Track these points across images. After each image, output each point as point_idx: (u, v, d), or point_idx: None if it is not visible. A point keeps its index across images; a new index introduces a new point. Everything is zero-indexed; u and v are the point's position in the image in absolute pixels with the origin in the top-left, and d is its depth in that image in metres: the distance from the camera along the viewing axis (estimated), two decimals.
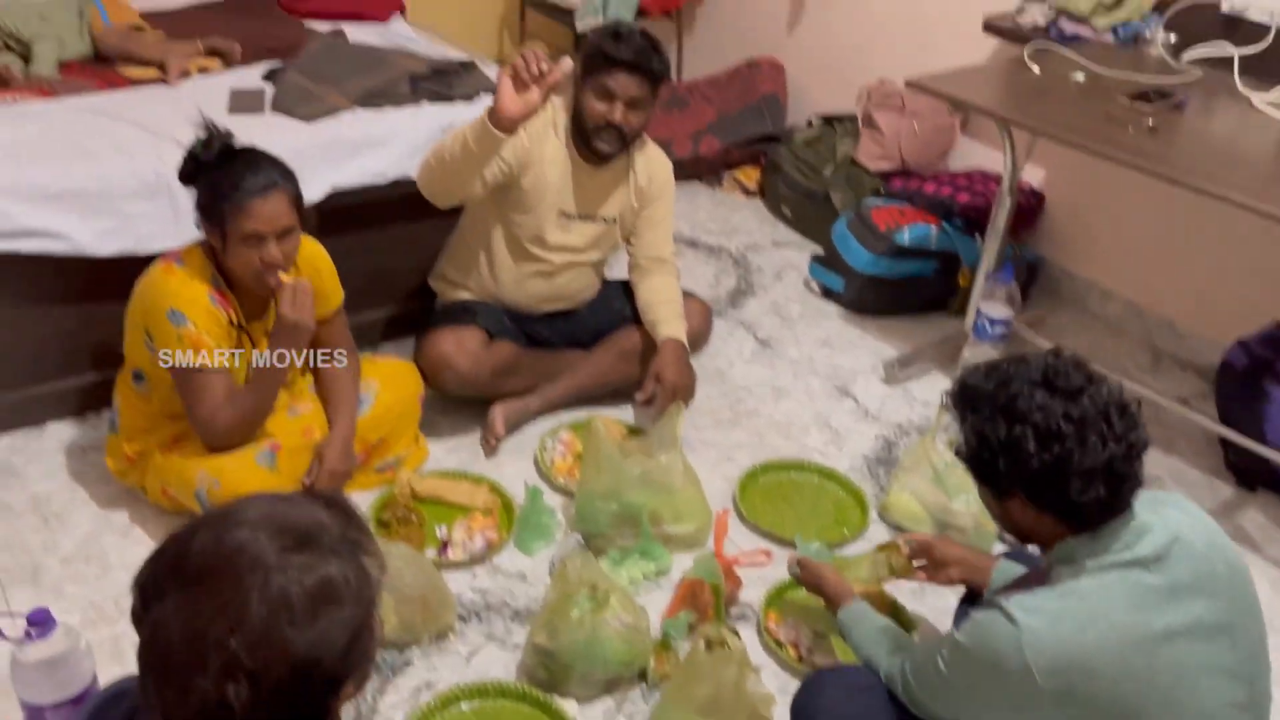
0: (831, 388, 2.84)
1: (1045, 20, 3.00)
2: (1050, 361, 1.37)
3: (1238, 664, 1.37)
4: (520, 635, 1.99)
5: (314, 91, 2.67)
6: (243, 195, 1.88)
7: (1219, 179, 2.11)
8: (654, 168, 2.59)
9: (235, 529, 0.92)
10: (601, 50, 2.35)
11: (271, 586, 0.89)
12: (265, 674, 0.88)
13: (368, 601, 0.95)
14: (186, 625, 0.88)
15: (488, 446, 2.49)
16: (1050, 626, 1.30)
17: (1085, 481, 1.31)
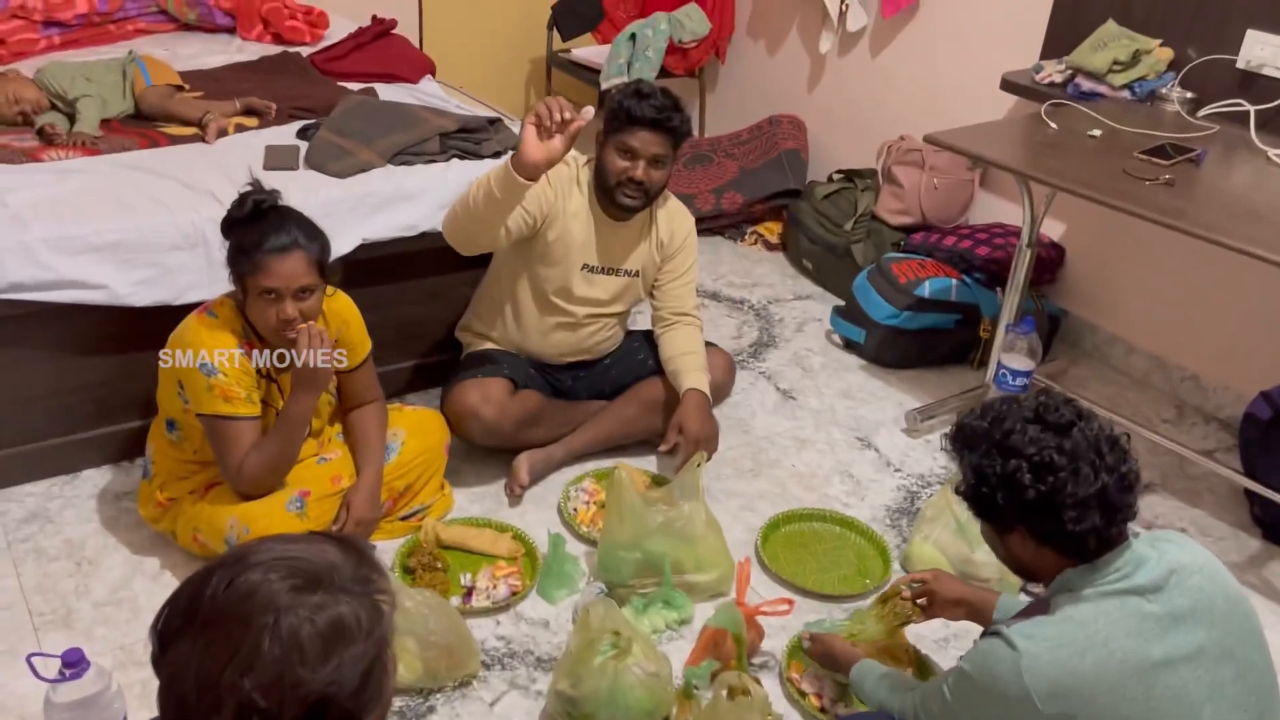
0: (853, 438, 2.86)
1: (1062, 78, 3.05)
2: (1041, 400, 1.44)
3: (1244, 694, 1.37)
4: (543, 682, 2.00)
5: (346, 148, 2.74)
6: (262, 253, 1.95)
7: (1236, 232, 2.13)
8: (675, 222, 2.64)
9: (248, 571, 0.94)
10: (624, 108, 2.41)
11: (283, 627, 0.90)
12: (280, 714, 0.89)
13: (380, 639, 0.96)
14: (201, 668, 0.90)
15: (512, 495, 2.51)
16: (1049, 652, 1.33)
17: (1080, 511, 1.36)
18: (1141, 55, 2.91)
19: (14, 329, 2.29)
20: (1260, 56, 2.70)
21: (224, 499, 2.11)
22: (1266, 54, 2.69)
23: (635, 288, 2.63)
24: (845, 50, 3.94)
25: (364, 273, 2.58)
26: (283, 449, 2.09)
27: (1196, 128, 2.68)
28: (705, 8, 4.27)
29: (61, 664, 1.53)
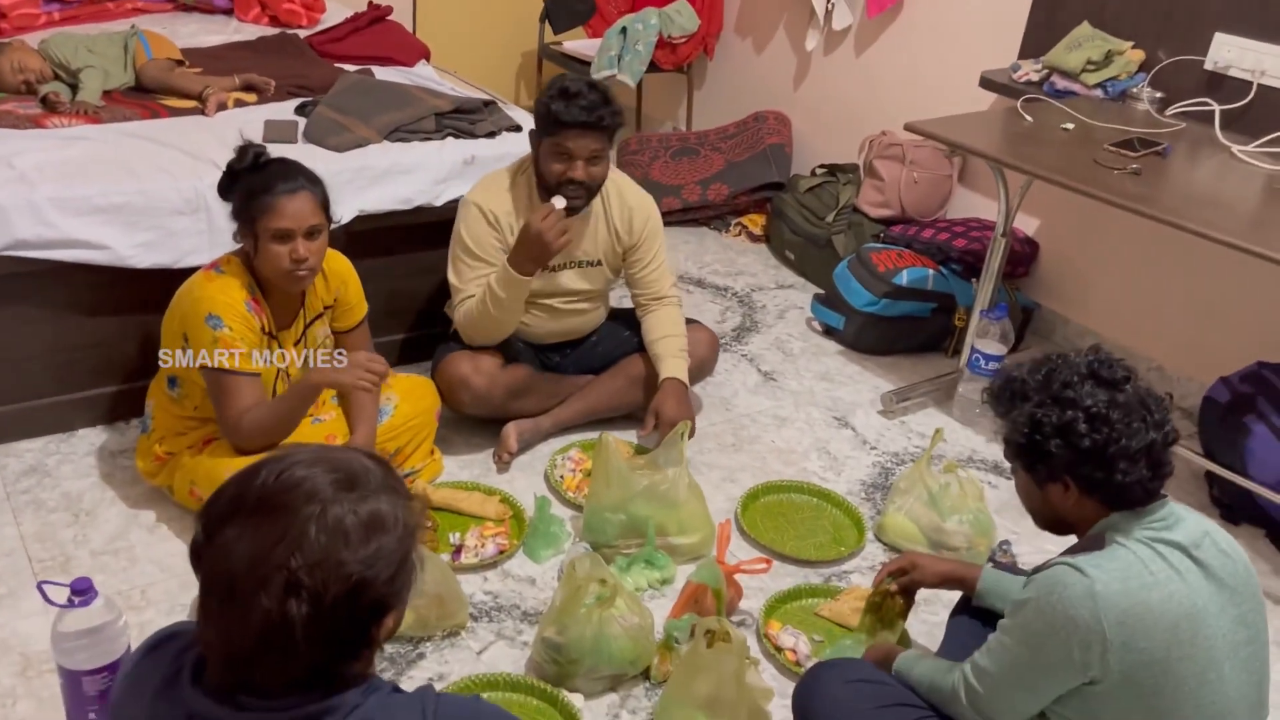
0: (831, 418, 2.95)
1: (1039, 77, 3.16)
2: (1093, 357, 1.50)
3: (1251, 658, 1.45)
4: (529, 634, 2.07)
5: (344, 124, 2.81)
6: (273, 195, 2.02)
7: (1195, 217, 2.24)
8: (634, 210, 2.64)
9: (294, 467, 1.02)
10: (552, 112, 2.38)
11: (329, 515, 0.98)
12: (324, 593, 0.96)
13: (410, 536, 1.04)
14: (250, 550, 0.97)
15: (500, 463, 2.58)
16: (1120, 581, 1.38)
17: (1130, 463, 1.42)
18: (1114, 56, 3.03)
19: (17, 287, 2.35)
20: (1227, 58, 2.82)
21: (222, 453, 2.17)
22: (1233, 56, 2.80)
23: (601, 272, 2.68)
24: (830, 48, 4.04)
25: (360, 243, 2.65)
26: (285, 414, 2.15)
27: (1164, 125, 2.80)
28: (695, 4, 4.36)
29: (70, 591, 1.59)
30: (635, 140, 4.30)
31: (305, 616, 0.96)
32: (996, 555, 2.38)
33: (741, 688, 1.77)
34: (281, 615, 0.96)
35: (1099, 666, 1.39)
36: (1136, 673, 1.38)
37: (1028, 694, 1.48)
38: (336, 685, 1.01)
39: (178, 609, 2.05)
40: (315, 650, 0.98)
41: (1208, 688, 1.40)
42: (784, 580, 2.28)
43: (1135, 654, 1.37)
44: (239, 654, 0.98)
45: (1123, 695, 1.39)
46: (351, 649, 1.01)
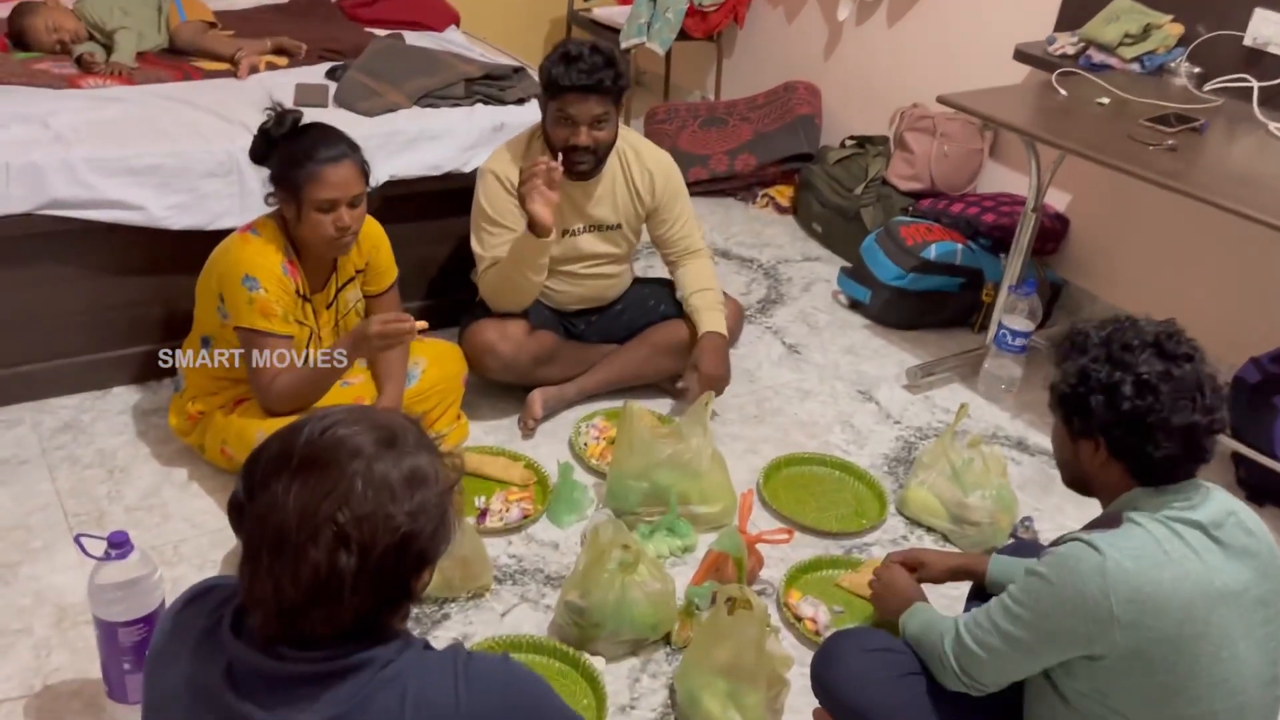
0: (855, 391, 2.95)
1: (1074, 50, 3.12)
2: (1163, 328, 1.47)
3: (1267, 639, 1.45)
4: (552, 598, 2.10)
5: (375, 89, 2.82)
6: (317, 163, 2.03)
7: (1235, 196, 2.21)
8: (653, 171, 2.62)
9: (335, 426, 1.05)
10: (552, 77, 2.36)
11: (374, 471, 1.01)
12: (372, 545, 1.00)
13: (449, 492, 1.07)
14: (300, 504, 1.00)
15: (525, 429, 2.60)
16: (1132, 560, 1.38)
17: (1165, 437, 1.41)
18: (1152, 29, 2.98)
19: (54, 246, 2.38)
20: (1266, 34, 2.77)
21: (253, 413, 2.20)
22: (1272, 32, 2.75)
23: (623, 234, 2.68)
24: (863, 18, 4.00)
25: (388, 210, 2.66)
26: (316, 381, 2.16)
27: (1201, 100, 2.76)
28: None
29: (107, 544, 1.62)
30: (663, 109, 4.28)
31: (354, 568, 0.99)
32: (1019, 531, 2.39)
33: (761, 655, 1.79)
34: (331, 567, 0.99)
35: (1104, 642, 1.39)
36: (1146, 649, 1.38)
37: (1024, 657, 1.48)
38: (377, 637, 1.04)
39: (209, 565, 2.09)
40: (362, 601, 1.01)
41: (1221, 665, 1.40)
42: (805, 551, 2.30)
43: (1145, 631, 1.37)
44: (289, 605, 1.00)
45: (1132, 671, 1.40)
46: (394, 601, 1.05)
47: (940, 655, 1.57)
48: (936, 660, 1.58)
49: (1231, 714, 1.42)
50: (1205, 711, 1.41)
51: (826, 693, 1.72)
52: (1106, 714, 1.44)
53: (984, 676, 1.53)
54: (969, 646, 1.53)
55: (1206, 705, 1.41)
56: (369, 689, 1.02)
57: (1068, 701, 1.49)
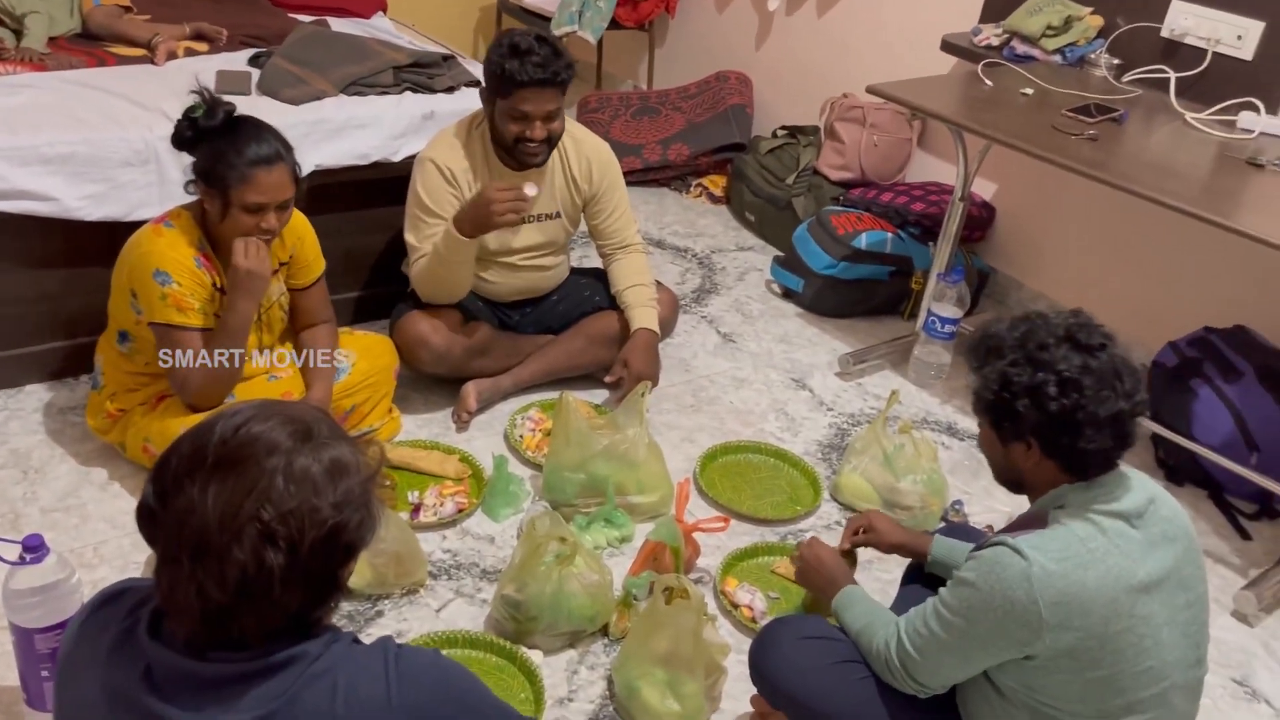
0: (789, 380, 2.97)
1: (999, 41, 3.17)
2: (1073, 320, 1.48)
3: (1190, 621, 1.48)
4: (488, 592, 2.08)
5: (300, 76, 2.75)
6: (249, 165, 1.96)
7: (1153, 185, 2.27)
8: (592, 159, 2.61)
9: (249, 423, 1.01)
10: (507, 72, 2.32)
11: (295, 465, 0.99)
12: (300, 540, 0.97)
13: (371, 480, 1.05)
14: (220, 506, 0.97)
15: (459, 422, 2.57)
16: (1056, 562, 1.39)
17: (1097, 430, 1.41)
18: (1073, 21, 3.05)
19: None
20: (1183, 26, 2.84)
21: (176, 410, 2.14)
22: (1189, 24, 2.83)
23: (560, 225, 2.66)
24: (793, 9, 4.02)
25: (314, 200, 2.61)
26: (233, 370, 2.10)
27: (1121, 91, 2.83)
28: None
29: (22, 548, 1.56)
30: (595, 98, 4.26)
31: (282, 565, 0.97)
32: (949, 515, 2.43)
33: (699, 643, 1.79)
34: (258, 565, 0.96)
35: (1035, 644, 1.41)
36: (1074, 648, 1.41)
37: (960, 661, 1.51)
38: (305, 633, 1.02)
39: (131, 566, 2.03)
40: (292, 597, 0.99)
41: (1145, 654, 1.43)
42: (741, 539, 2.31)
43: (1072, 632, 1.40)
44: (216, 609, 0.98)
45: (1060, 668, 1.43)
46: (324, 594, 1.03)
47: (886, 660, 1.58)
48: (882, 664, 1.59)
49: (1157, 699, 1.46)
50: (1132, 700, 1.44)
51: (764, 680, 1.72)
52: (1037, 706, 1.47)
53: (927, 680, 1.55)
54: (909, 652, 1.54)
55: (1133, 694, 1.44)
56: (298, 685, 1.00)
57: (1001, 694, 1.51)
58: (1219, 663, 2.15)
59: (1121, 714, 1.44)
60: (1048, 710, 1.46)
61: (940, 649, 1.51)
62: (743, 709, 1.90)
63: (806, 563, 1.85)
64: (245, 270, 2.02)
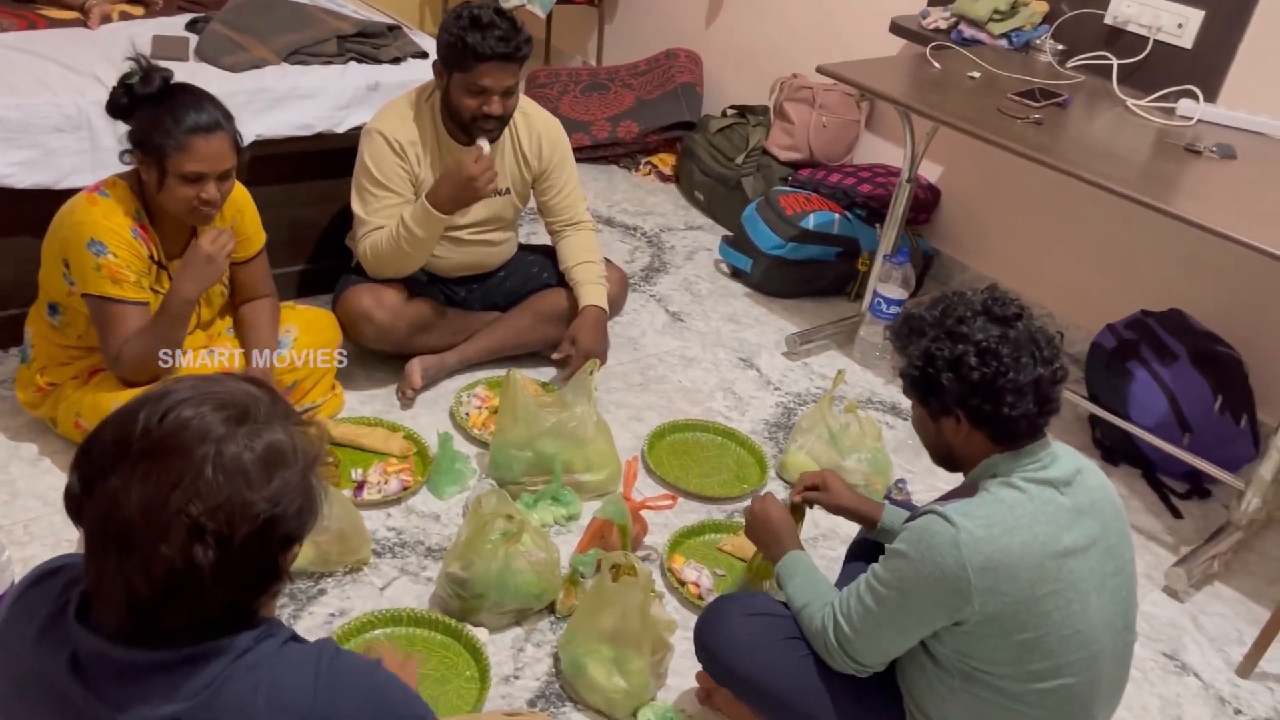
0: (736, 359, 2.98)
1: (947, 25, 3.19)
2: (988, 295, 1.53)
3: (1119, 588, 1.52)
4: (433, 570, 2.06)
5: (240, 43, 2.68)
6: (186, 133, 1.90)
7: (1096, 169, 2.30)
8: (542, 134, 2.58)
9: (178, 407, 0.95)
10: (469, 46, 2.27)
11: (225, 455, 0.93)
12: (232, 534, 0.92)
13: (311, 463, 1.00)
14: (144, 498, 0.91)
15: (403, 399, 2.54)
16: (983, 529, 1.43)
17: (1017, 397, 1.46)
18: (1019, 7, 3.08)
19: None
20: (1126, 14, 2.89)
21: (109, 385, 2.08)
22: (1132, 11, 2.87)
23: (509, 201, 2.63)
24: None
25: (256, 172, 2.54)
26: (162, 338, 2.04)
27: (1065, 76, 2.86)
28: None
29: None
30: (544, 73, 4.21)
31: (213, 560, 0.92)
32: (892, 493, 2.46)
33: (646, 620, 1.79)
34: (187, 562, 0.92)
35: (965, 610, 1.44)
36: (1001, 613, 1.44)
37: (896, 634, 1.53)
38: (241, 623, 0.98)
39: (64, 544, 1.97)
40: (227, 591, 0.95)
41: (1073, 618, 1.47)
42: (688, 516, 2.31)
43: (999, 596, 1.43)
44: (143, 602, 0.93)
45: (990, 633, 1.46)
46: (262, 584, 0.98)
47: (825, 642, 1.59)
48: (821, 646, 1.61)
49: (1084, 663, 1.49)
50: (1060, 663, 1.47)
51: (710, 656, 1.73)
52: (971, 672, 1.50)
53: (864, 657, 1.57)
54: (844, 630, 1.56)
55: (1060, 657, 1.47)
56: (221, 677, 0.96)
57: (936, 662, 1.54)
58: (1150, 636, 2.21)
59: (1052, 676, 1.48)
60: (981, 675, 1.50)
61: (875, 623, 1.53)
62: (688, 685, 1.91)
63: (755, 517, 1.83)
64: (206, 255, 1.96)
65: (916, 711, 1.59)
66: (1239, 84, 2.72)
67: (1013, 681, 1.48)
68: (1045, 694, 1.49)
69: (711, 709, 1.88)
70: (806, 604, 1.65)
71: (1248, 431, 2.65)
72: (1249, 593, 2.39)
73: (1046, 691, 1.48)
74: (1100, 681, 1.52)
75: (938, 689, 1.55)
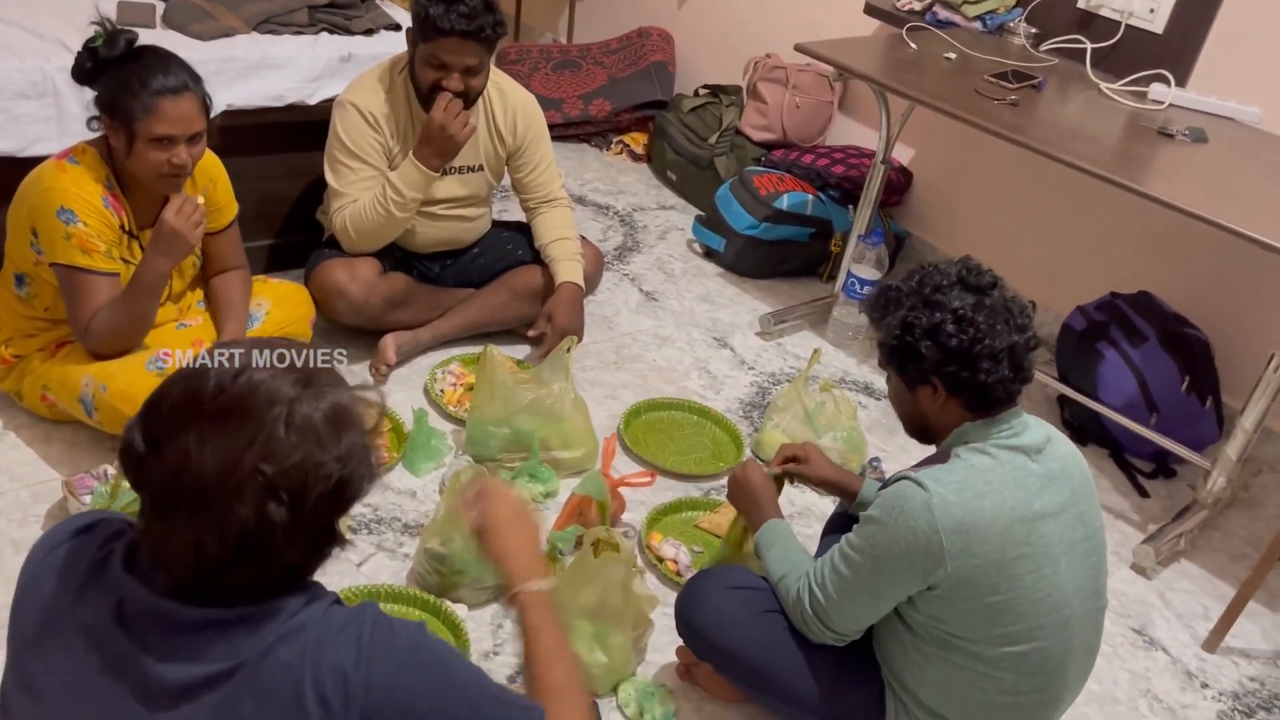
0: (711, 339, 2.98)
1: (921, 6, 3.20)
2: (962, 265, 1.56)
3: (1089, 554, 1.55)
4: (410, 547, 2.04)
5: (209, 11, 2.62)
6: (154, 95, 1.85)
7: (1070, 152, 2.32)
8: (517, 110, 2.56)
9: (248, 371, 0.95)
10: (430, 18, 2.25)
11: (296, 415, 0.94)
12: (305, 494, 0.93)
13: (373, 431, 1.01)
14: (219, 458, 0.91)
15: (377, 375, 2.51)
16: (955, 493, 1.46)
17: (993, 363, 1.49)
18: None
19: None
20: None
21: (76, 357, 2.04)
22: None
23: (483, 178, 2.61)
24: None
25: (227, 142, 2.48)
26: (134, 312, 2.00)
27: (1038, 60, 2.88)
28: None
29: None
30: (515, 50, 4.17)
31: (286, 520, 0.93)
32: (866, 472, 2.47)
33: (628, 595, 1.79)
34: (260, 522, 0.92)
35: (937, 573, 1.47)
36: (973, 575, 1.46)
37: (871, 600, 1.55)
38: (292, 587, 0.98)
39: (30, 519, 1.93)
40: (293, 551, 0.95)
41: (1043, 582, 1.49)
42: (665, 494, 2.31)
43: (971, 559, 1.45)
44: (213, 562, 0.93)
45: (962, 596, 1.48)
46: (322, 547, 0.99)
47: (801, 613, 1.61)
48: (798, 617, 1.62)
49: (1056, 626, 1.52)
50: (1032, 626, 1.50)
51: (690, 631, 1.74)
52: (945, 637, 1.52)
53: (840, 625, 1.58)
54: (819, 599, 1.58)
55: (1032, 620, 1.50)
56: (273, 640, 0.96)
57: (911, 630, 1.56)
58: (1119, 612, 2.25)
59: (1024, 639, 1.51)
60: (956, 641, 1.52)
61: (850, 589, 1.55)
62: (668, 660, 1.91)
63: (738, 483, 1.85)
64: (171, 228, 1.91)
65: (894, 681, 1.61)
66: (1209, 69, 2.76)
67: (986, 646, 1.51)
68: (1019, 658, 1.51)
69: (691, 684, 1.88)
70: (783, 575, 1.67)
71: (1212, 412, 2.70)
72: (1214, 570, 2.44)
73: (1020, 655, 1.51)
74: (1072, 646, 1.55)
75: (914, 657, 1.56)
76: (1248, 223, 2.10)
